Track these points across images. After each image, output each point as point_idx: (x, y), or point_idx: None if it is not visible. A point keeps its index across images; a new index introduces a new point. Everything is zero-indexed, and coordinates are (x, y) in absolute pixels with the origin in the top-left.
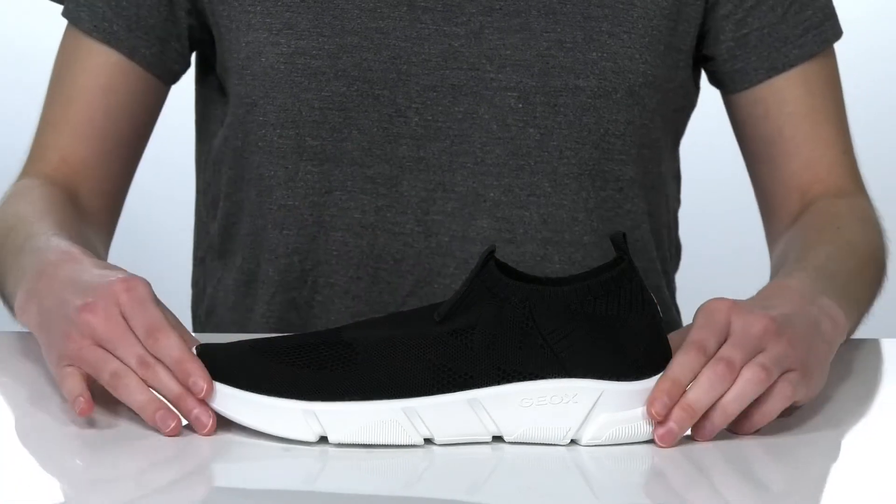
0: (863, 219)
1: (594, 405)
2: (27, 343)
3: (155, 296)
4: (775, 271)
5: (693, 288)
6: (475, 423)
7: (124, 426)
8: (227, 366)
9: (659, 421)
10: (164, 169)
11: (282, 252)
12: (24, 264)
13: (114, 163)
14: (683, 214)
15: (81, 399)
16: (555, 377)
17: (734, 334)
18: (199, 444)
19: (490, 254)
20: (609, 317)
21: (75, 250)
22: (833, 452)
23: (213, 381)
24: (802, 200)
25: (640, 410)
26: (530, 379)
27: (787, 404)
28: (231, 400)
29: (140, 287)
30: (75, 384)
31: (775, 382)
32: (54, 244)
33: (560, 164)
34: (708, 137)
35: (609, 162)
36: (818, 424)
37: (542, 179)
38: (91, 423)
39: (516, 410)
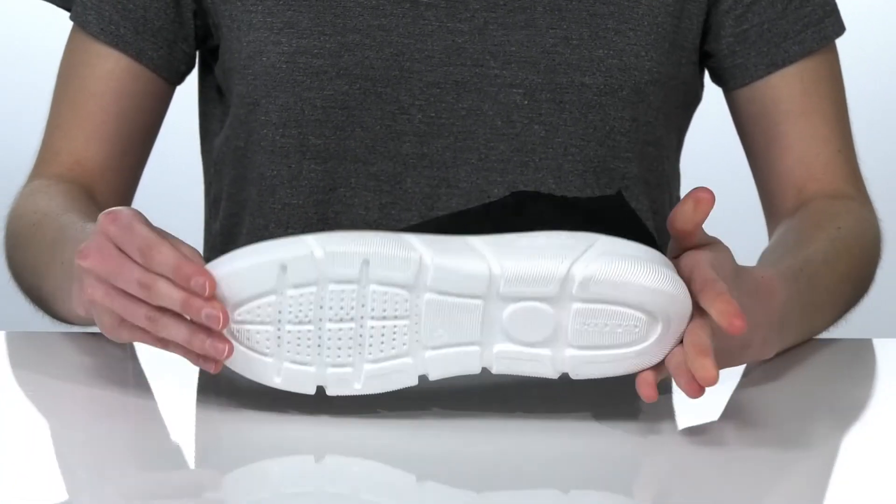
0: (859, 220)
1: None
2: (41, 343)
3: (142, 217)
4: (770, 251)
5: None
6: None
7: (134, 428)
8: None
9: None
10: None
11: None
12: (66, 258)
13: (125, 164)
14: None
15: (201, 362)
16: None
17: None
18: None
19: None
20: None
21: None
22: (832, 452)
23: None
24: (798, 197)
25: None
26: None
27: None
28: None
29: (124, 213)
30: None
31: None
32: (90, 230)
33: (565, 161)
34: (709, 135)
35: (614, 159)
36: (815, 424)
37: (547, 176)
38: (98, 424)
39: (511, 249)
